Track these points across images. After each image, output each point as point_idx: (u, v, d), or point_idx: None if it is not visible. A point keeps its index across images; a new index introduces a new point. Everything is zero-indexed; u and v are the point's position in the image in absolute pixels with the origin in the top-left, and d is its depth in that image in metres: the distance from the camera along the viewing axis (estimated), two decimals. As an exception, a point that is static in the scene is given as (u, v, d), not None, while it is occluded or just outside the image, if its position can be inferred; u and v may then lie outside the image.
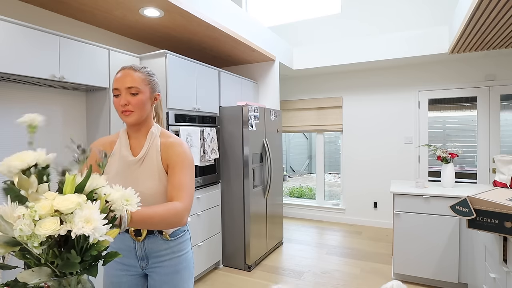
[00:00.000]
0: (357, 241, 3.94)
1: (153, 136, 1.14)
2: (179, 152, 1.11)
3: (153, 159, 1.11)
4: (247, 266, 3.10)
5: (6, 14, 2.02)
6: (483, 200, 1.67)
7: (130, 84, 1.07)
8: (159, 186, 1.09)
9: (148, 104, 1.12)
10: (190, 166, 1.12)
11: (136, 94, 1.08)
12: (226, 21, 2.90)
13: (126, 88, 1.07)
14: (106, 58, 2.27)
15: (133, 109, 1.08)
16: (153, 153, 1.12)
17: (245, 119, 3.05)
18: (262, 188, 3.36)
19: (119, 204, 0.71)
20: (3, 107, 1.95)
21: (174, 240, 1.17)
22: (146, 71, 1.14)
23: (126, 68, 1.10)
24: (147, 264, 1.16)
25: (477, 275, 2.21)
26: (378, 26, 4.30)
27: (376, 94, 4.52)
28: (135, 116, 1.09)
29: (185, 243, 1.20)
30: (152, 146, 1.13)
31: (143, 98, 1.09)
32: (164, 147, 1.13)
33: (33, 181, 0.66)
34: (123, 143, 1.15)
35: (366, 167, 4.60)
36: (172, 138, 1.16)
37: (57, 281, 0.64)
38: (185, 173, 1.08)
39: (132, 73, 1.09)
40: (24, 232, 0.55)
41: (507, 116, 3.87)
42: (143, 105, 1.09)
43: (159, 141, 1.14)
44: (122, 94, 1.08)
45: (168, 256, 1.15)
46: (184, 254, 1.19)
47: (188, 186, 1.08)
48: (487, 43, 3.20)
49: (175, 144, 1.13)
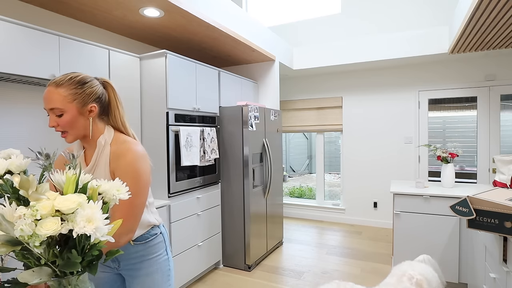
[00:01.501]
0: (357, 241, 3.94)
1: (101, 146, 1.07)
2: (126, 163, 1.02)
3: (101, 169, 1.06)
4: (247, 266, 3.10)
5: (6, 14, 2.02)
6: (483, 200, 1.67)
7: (51, 105, 0.98)
8: None
9: (80, 120, 1.02)
10: (138, 180, 1.02)
11: (61, 115, 0.99)
12: (226, 21, 2.90)
13: (49, 109, 0.99)
14: (106, 58, 2.27)
15: (63, 129, 1.01)
16: (102, 163, 1.06)
17: (245, 119, 3.05)
18: (262, 188, 3.36)
19: (111, 194, 0.72)
20: (3, 107, 1.95)
21: (142, 244, 1.16)
22: (72, 83, 1.00)
23: (49, 85, 0.99)
24: (119, 266, 1.17)
25: (477, 275, 2.21)
26: (378, 26, 4.30)
27: (376, 94, 4.52)
28: (71, 137, 1.03)
29: (156, 246, 1.19)
30: (100, 156, 1.07)
31: (69, 118, 0.99)
32: (113, 155, 1.06)
33: (32, 181, 0.66)
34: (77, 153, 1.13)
35: (366, 167, 4.60)
36: (123, 145, 1.07)
37: (57, 281, 0.64)
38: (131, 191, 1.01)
39: (52, 91, 0.98)
40: (25, 232, 0.55)
41: (507, 116, 3.87)
42: (72, 124, 1.01)
43: (109, 149, 1.07)
44: (50, 115, 1.00)
45: (138, 259, 1.15)
46: (156, 257, 1.19)
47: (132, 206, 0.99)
48: (487, 43, 3.20)
49: (124, 153, 1.04)
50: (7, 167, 0.69)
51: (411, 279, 1.61)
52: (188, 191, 2.70)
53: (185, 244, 2.65)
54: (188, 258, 2.69)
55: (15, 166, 0.69)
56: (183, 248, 2.63)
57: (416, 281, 1.61)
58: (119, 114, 1.14)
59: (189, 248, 2.71)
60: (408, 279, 1.62)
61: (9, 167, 0.69)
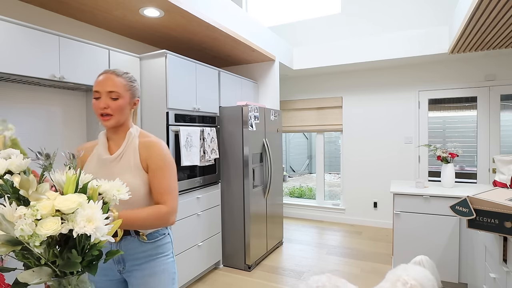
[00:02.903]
0: (357, 241, 3.94)
1: (131, 136, 1.16)
2: (159, 153, 1.13)
3: (130, 157, 1.13)
4: (247, 266, 3.10)
5: (6, 14, 2.02)
6: (483, 200, 1.67)
7: (111, 88, 1.09)
8: (134, 183, 1.09)
9: (127, 109, 1.15)
10: (171, 166, 1.15)
11: (116, 99, 1.10)
12: (226, 21, 2.90)
13: (107, 92, 1.09)
14: (106, 58, 2.27)
15: (112, 113, 1.10)
16: (130, 152, 1.13)
17: (245, 119, 3.05)
18: (262, 188, 3.36)
19: (111, 194, 0.72)
20: (3, 107, 1.95)
21: (152, 242, 1.16)
22: (128, 76, 1.16)
23: (108, 72, 1.12)
24: (124, 268, 1.14)
25: (477, 275, 2.21)
26: (378, 26, 4.30)
27: (376, 94, 4.52)
28: (113, 120, 1.11)
29: (164, 247, 1.19)
30: (129, 146, 1.15)
31: (122, 103, 1.11)
32: (142, 146, 1.14)
33: (32, 181, 0.66)
34: (101, 144, 1.17)
35: (366, 167, 4.60)
36: (150, 137, 1.18)
37: (57, 281, 0.64)
38: (167, 176, 1.12)
39: (114, 78, 1.11)
40: (25, 232, 0.55)
41: (507, 116, 3.87)
42: (122, 110, 1.12)
43: (137, 141, 1.16)
44: (102, 97, 1.09)
45: (145, 258, 1.15)
46: (162, 257, 1.18)
47: (172, 189, 1.12)
48: (487, 43, 3.20)
49: (154, 144, 1.14)
50: (7, 167, 0.69)
51: (405, 284, 1.62)
52: (188, 191, 2.70)
53: (185, 244, 2.65)
54: (188, 258, 2.69)
55: (15, 166, 0.69)
56: (183, 248, 2.63)
57: (410, 286, 1.62)
58: (136, 118, 1.30)
59: (189, 248, 2.71)
60: (402, 284, 1.62)
61: (9, 167, 0.69)
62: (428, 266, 1.96)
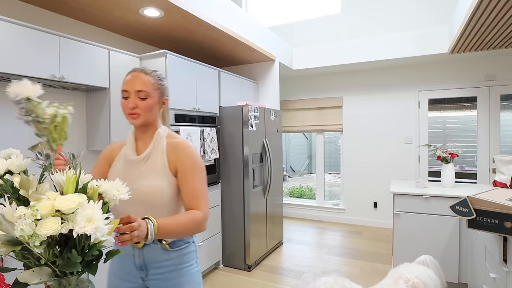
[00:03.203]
0: (357, 241, 3.94)
1: (159, 137, 1.12)
2: (188, 155, 1.09)
3: (157, 158, 1.09)
4: (247, 266, 3.10)
5: (6, 14, 2.02)
6: (483, 200, 1.67)
7: (139, 87, 1.06)
8: (160, 186, 1.05)
9: (156, 108, 1.11)
10: (201, 169, 1.11)
11: (145, 98, 1.07)
12: (226, 21, 2.90)
13: (136, 91, 1.06)
14: (106, 58, 2.27)
15: (140, 112, 1.07)
16: (158, 153, 1.10)
17: (245, 119, 3.05)
18: (262, 188, 3.36)
19: (111, 194, 0.72)
20: (3, 107, 1.95)
21: (175, 251, 1.10)
22: (157, 75, 1.12)
23: (137, 71, 1.09)
24: (147, 275, 1.09)
25: (477, 275, 2.21)
26: (378, 26, 4.30)
27: (376, 94, 4.52)
28: (142, 119, 1.08)
29: (188, 256, 1.13)
30: (157, 146, 1.11)
31: (151, 103, 1.08)
32: (170, 147, 1.11)
33: (32, 181, 0.66)
34: (128, 144, 1.15)
35: (366, 167, 4.60)
36: (179, 139, 1.14)
37: (57, 281, 0.64)
38: (197, 179, 1.08)
39: (142, 77, 1.08)
40: (25, 232, 0.55)
41: (507, 116, 3.87)
42: (151, 109, 1.08)
43: (165, 142, 1.13)
44: (131, 96, 1.06)
45: (168, 268, 1.08)
46: (187, 267, 1.11)
47: (204, 192, 1.08)
48: (487, 43, 3.20)
49: (183, 145, 1.11)
50: (7, 167, 0.69)
51: (407, 282, 1.61)
52: (188, 191, 2.69)
53: (185, 244, 2.65)
54: (188, 258, 2.68)
55: (15, 166, 0.69)
56: (183, 248, 2.63)
57: (412, 284, 1.61)
58: (168, 117, 1.26)
59: (189, 248, 2.71)
60: (404, 281, 1.62)
61: (9, 167, 0.69)
62: (432, 266, 1.96)
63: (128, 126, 2.49)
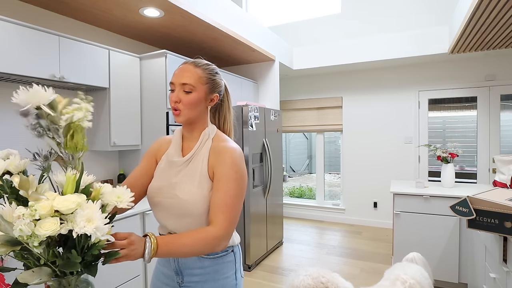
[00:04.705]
0: (357, 241, 3.94)
1: (205, 137, 1.01)
2: (227, 161, 0.95)
3: (198, 162, 0.99)
4: (247, 266, 3.10)
5: (6, 14, 2.02)
6: (483, 200, 1.67)
7: (184, 80, 0.97)
8: (197, 193, 0.94)
9: (202, 105, 1.00)
10: (237, 180, 0.95)
11: (189, 92, 0.97)
12: (226, 21, 2.90)
13: (181, 84, 0.97)
14: (106, 58, 2.27)
15: (182, 108, 0.97)
16: (201, 156, 0.99)
17: (245, 119, 3.05)
18: (262, 188, 3.36)
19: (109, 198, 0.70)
20: (3, 107, 1.95)
21: (210, 259, 0.98)
22: (209, 68, 1.03)
23: (187, 63, 1.01)
24: (182, 282, 1.00)
25: (477, 275, 2.21)
26: (378, 26, 4.30)
27: (376, 94, 4.52)
28: (183, 116, 0.98)
29: (225, 266, 1.01)
30: (201, 148, 1.01)
31: (195, 97, 0.97)
32: (213, 150, 0.99)
33: (32, 181, 0.66)
34: (174, 143, 1.06)
35: (366, 167, 4.60)
36: (224, 142, 1.01)
37: (57, 281, 0.64)
38: (231, 189, 0.93)
39: (190, 69, 0.99)
40: (24, 232, 0.55)
41: (507, 116, 3.87)
42: (193, 105, 0.98)
43: (210, 144, 1.01)
44: (176, 89, 0.98)
45: (202, 276, 0.98)
46: (224, 279, 1.00)
47: (230, 208, 0.92)
48: (487, 43, 3.20)
49: (225, 149, 0.97)
50: (6, 168, 0.68)
51: (405, 283, 1.65)
52: (188, 191, 2.69)
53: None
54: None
55: (13, 166, 0.69)
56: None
57: (409, 285, 1.65)
58: (230, 118, 1.16)
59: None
60: (402, 283, 1.66)
61: (8, 168, 0.69)
62: (421, 262, 2.00)
63: (128, 127, 2.50)
